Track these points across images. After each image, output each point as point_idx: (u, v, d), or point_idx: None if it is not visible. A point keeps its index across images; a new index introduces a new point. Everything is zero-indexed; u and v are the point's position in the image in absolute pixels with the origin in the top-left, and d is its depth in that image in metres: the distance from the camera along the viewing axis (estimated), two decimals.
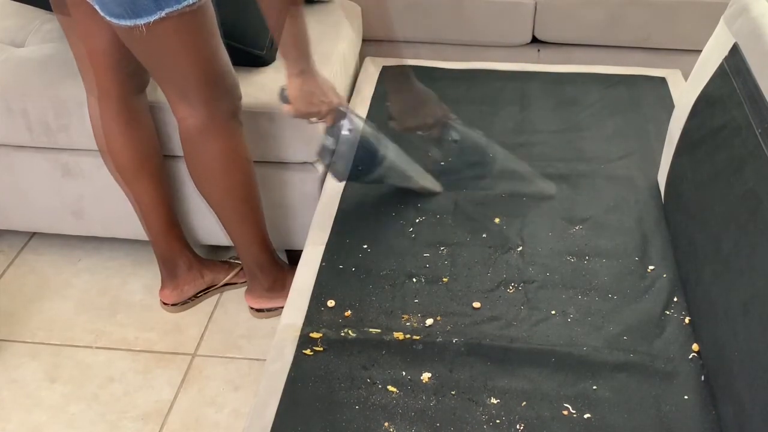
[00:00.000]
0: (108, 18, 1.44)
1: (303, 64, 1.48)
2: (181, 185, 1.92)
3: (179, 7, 1.41)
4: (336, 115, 1.54)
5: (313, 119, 1.54)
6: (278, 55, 1.93)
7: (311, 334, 1.35)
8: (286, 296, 1.47)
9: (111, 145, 1.74)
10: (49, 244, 2.16)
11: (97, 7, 1.44)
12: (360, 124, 1.56)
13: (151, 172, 1.78)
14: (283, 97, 1.51)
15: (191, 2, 1.42)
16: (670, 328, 1.35)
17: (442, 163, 1.70)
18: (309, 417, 1.21)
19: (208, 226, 1.98)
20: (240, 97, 1.65)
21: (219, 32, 1.54)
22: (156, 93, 1.78)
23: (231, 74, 1.61)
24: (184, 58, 1.51)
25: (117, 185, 1.91)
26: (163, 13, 1.40)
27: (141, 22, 1.41)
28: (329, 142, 1.55)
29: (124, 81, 1.67)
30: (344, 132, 1.53)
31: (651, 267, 1.48)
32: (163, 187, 1.83)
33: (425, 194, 1.66)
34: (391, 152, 1.60)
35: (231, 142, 1.65)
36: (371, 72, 2.15)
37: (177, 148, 1.85)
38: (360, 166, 1.58)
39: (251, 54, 1.85)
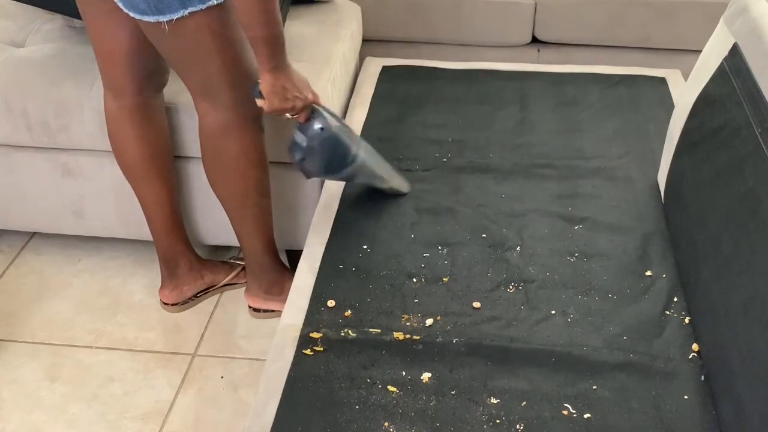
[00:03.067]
0: (132, 13, 1.43)
1: (275, 60, 1.44)
2: (187, 185, 1.92)
3: (203, 6, 1.40)
4: (310, 111, 1.53)
5: (288, 115, 1.52)
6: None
7: (311, 334, 1.35)
8: (284, 301, 1.47)
9: (121, 142, 1.73)
10: (49, 244, 2.16)
11: (120, 4, 1.44)
12: (333, 122, 1.56)
13: (159, 172, 1.78)
14: (256, 93, 1.49)
15: (216, 1, 1.41)
16: (670, 328, 1.35)
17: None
18: (309, 417, 1.21)
19: (212, 227, 1.98)
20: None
21: (242, 32, 1.51)
22: (172, 94, 1.78)
23: (256, 76, 1.55)
24: (208, 58, 1.50)
25: (117, 185, 1.91)
26: (186, 12, 1.40)
27: (164, 18, 1.41)
28: (300, 138, 1.55)
29: (142, 81, 1.66)
30: (316, 128, 1.53)
31: (651, 267, 1.48)
32: (170, 188, 1.82)
33: (393, 194, 1.67)
34: (362, 151, 1.60)
35: (250, 145, 1.64)
36: (371, 72, 2.15)
37: (188, 149, 1.85)
38: (330, 163, 1.58)
39: None
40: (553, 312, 1.39)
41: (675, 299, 1.40)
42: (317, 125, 1.53)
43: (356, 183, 1.67)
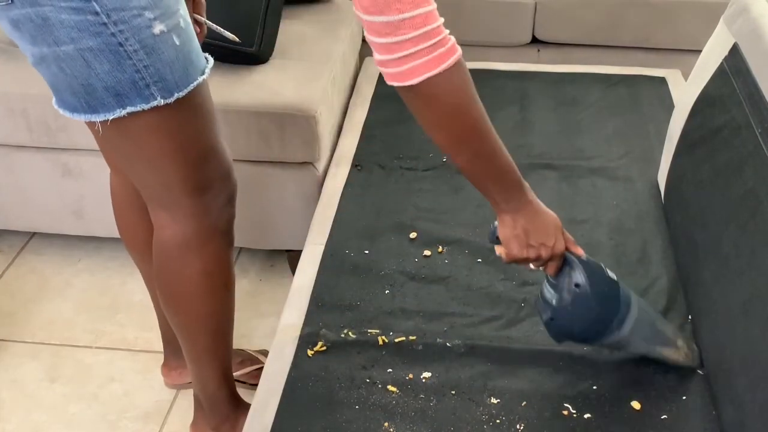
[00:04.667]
0: (62, 111, 1.19)
1: (512, 201, 1.15)
2: None
3: (146, 106, 1.14)
4: (561, 262, 1.20)
5: (531, 266, 1.21)
6: (271, 53, 1.93)
7: (311, 334, 1.35)
8: None
9: (125, 221, 1.54)
10: (49, 244, 2.16)
11: (53, 100, 1.20)
12: (595, 277, 1.21)
13: None
14: (492, 237, 1.21)
15: (164, 101, 1.15)
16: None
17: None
18: (309, 417, 1.21)
19: None
20: (233, 209, 1.37)
21: (213, 121, 1.27)
22: None
23: (222, 174, 1.31)
24: (161, 164, 1.23)
25: None
26: (124, 112, 1.14)
27: (98, 119, 1.15)
28: (549, 294, 1.21)
29: None
30: (570, 285, 1.19)
31: (651, 267, 1.48)
32: None
33: (674, 365, 1.28)
34: (633, 315, 1.23)
35: (215, 264, 1.36)
36: (371, 72, 2.15)
37: None
38: (586, 328, 1.23)
39: (243, 53, 1.83)
40: None
41: (675, 299, 1.40)
42: (572, 280, 1.19)
43: (628, 351, 1.29)
